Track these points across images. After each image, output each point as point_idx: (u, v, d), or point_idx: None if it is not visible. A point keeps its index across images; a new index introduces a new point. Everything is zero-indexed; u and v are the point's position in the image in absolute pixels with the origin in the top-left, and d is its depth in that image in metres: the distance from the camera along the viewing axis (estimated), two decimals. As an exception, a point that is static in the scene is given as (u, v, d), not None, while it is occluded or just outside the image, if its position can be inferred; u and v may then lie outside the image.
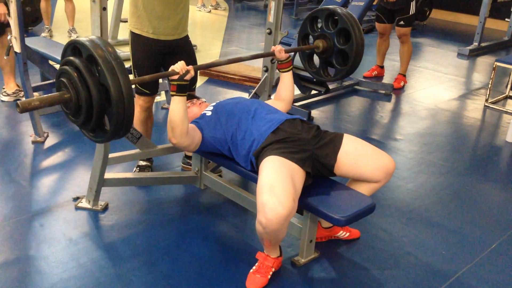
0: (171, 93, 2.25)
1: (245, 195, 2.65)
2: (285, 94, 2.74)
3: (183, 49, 2.94)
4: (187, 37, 2.98)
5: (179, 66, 2.21)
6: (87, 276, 2.22)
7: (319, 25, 2.88)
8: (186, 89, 2.27)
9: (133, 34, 2.83)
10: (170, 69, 2.23)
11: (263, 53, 2.92)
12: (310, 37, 2.98)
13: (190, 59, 2.93)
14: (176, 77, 2.21)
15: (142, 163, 3.10)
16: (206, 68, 2.46)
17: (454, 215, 2.94)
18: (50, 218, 2.63)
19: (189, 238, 2.54)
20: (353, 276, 2.36)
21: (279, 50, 2.66)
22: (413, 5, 4.93)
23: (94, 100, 1.85)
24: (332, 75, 3.00)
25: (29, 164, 3.22)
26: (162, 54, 2.87)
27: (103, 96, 1.85)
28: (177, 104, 2.25)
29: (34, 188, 2.93)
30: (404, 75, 5.29)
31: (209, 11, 8.92)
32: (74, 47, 1.92)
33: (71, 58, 1.89)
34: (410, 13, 4.94)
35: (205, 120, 2.50)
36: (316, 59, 3.04)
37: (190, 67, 2.24)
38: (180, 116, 2.25)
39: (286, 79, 2.73)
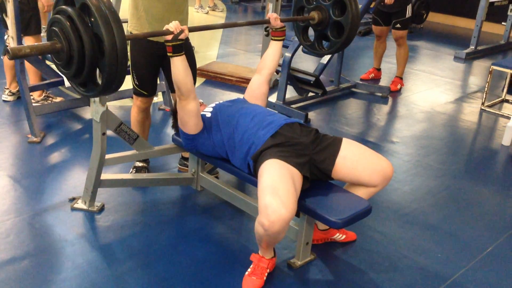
0: (168, 54, 2.26)
1: (241, 197, 2.65)
2: (269, 63, 2.70)
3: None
4: (187, 39, 2.97)
5: (173, 25, 2.21)
6: (83, 277, 2.21)
7: None
8: (182, 48, 2.27)
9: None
10: (164, 28, 2.22)
11: (259, 20, 2.91)
12: (306, 9, 2.97)
13: (189, 61, 2.92)
14: (170, 37, 2.21)
15: (138, 164, 3.09)
16: (201, 30, 2.46)
17: (450, 218, 2.95)
18: (46, 218, 2.62)
19: (186, 240, 2.53)
20: (349, 279, 2.36)
21: (274, 18, 2.66)
22: (409, 8, 4.97)
23: (86, 50, 1.79)
24: (326, 49, 2.99)
25: (25, 165, 3.21)
26: (161, 56, 2.86)
27: (95, 46, 1.80)
28: (177, 65, 2.28)
29: (30, 189, 2.92)
30: (401, 78, 5.31)
31: (207, 12, 8.92)
32: None
33: (64, 7, 1.83)
34: (407, 16, 4.96)
35: (204, 121, 2.51)
36: (311, 33, 3.03)
37: (185, 27, 2.23)
38: (182, 75, 2.30)
39: (276, 47, 2.71)
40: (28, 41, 3.81)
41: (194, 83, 3.03)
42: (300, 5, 2.93)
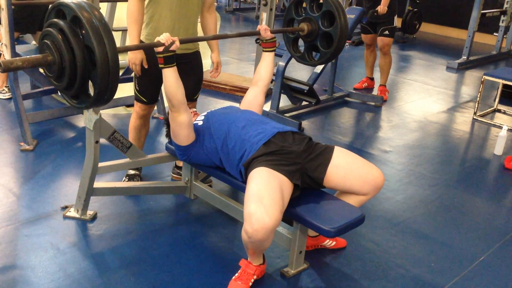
0: (160, 66, 2.27)
1: (235, 206, 2.65)
2: (264, 74, 2.72)
3: (190, 62, 2.91)
4: (197, 52, 2.95)
5: (164, 37, 2.22)
6: (75, 286, 2.20)
7: (304, 9, 2.90)
8: (174, 60, 2.28)
9: (142, 43, 2.78)
10: (155, 40, 2.23)
11: (250, 31, 2.94)
12: (296, 21, 2.99)
13: (194, 72, 2.94)
14: (161, 49, 2.22)
15: (131, 172, 3.08)
16: (192, 41, 2.48)
17: (443, 227, 2.96)
18: (38, 227, 2.61)
19: (179, 248, 2.53)
20: (342, 287, 2.36)
21: (264, 29, 2.67)
22: (396, 19, 5.07)
23: (78, 62, 1.79)
24: (316, 59, 3.01)
25: (17, 173, 3.19)
26: None
27: (87, 58, 1.80)
28: (169, 77, 2.28)
29: (22, 197, 2.90)
30: (385, 85, 5.34)
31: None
32: (58, 10, 1.86)
33: (55, 20, 1.84)
34: (394, 25, 5.04)
35: (196, 130, 2.51)
36: (301, 44, 3.05)
37: (176, 38, 2.24)
38: (173, 86, 2.30)
39: (268, 59, 2.73)
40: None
41: (198, 92, 3.03)
42: (290, 17, 2.96)
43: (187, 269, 2.38)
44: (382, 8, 4.86)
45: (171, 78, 2.29)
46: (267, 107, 4.45)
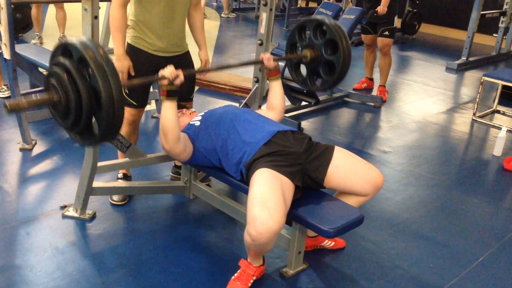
0: (162, 98, 2.25)
1: (234, 205, 2.65)
2: (276, 103, 2.75)
3: (182, 63, 2.85)
4: (187, 53, 2.92)
5: (168, 71, 2.21)
6: (73, 286, 2.20)
7: (308, 35, 2.90)
8: (177, 93, 2.26)
9: (130, 46, 2.75)
10: (159, 74, 2.22)
11: (253, 60, 2.93)
12: (298, 46, 3.00)
13: (190, 75, 2.91)
14: (165, 81, 2.21)
15: (120, 174, 3.04)
16: (195, 73, 2.46)
17: (442, 228, 2.96)
18: (37, 226, 2.61)
19: (177, 248, 2.52)
20: (341, 288, 2.36)
21: (267, 58, 2.67)
22: (396, 19, 5.06)
23: (83, 102, 1.80)
24: (318, 85, 3.01)
25: (16, 172, 3.19)
26: (158, 68, 2.84)
27: (93, 99, 1.81)
28: (168, 109, 2.25)
29: (20, 196, 2.90)
30: (385, 86, 5.34)
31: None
32: (64, 48, 1.87)
33: (61, 59, 1.85)
34: (394, 25, 5.04)
35: (193, 131, 2.50)
36: (303, 67, 3.06)
37: (180, 72, 2.23)
38: (172, 121, 2.26)
39: (276, 87, 2.74)
40: None
41: (193, 91, 3.02)
42: (293, 42, 2.96)
43: (186, 269, 2.38)
44: (382, 8, 4.86)
45: (171, 111, 2.26)
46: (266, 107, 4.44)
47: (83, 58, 1.78)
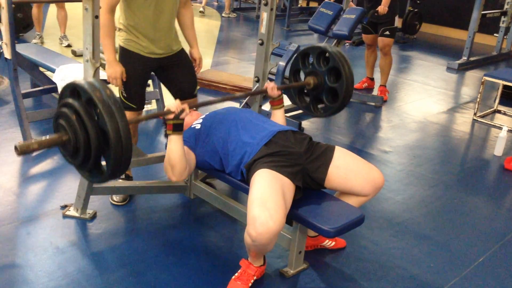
0: (168, 132, 2.24)
1: (234, 205, 2.65)
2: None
3: (180, 61, 2.89)
4: (182, 50, 2.91)
5: (174, 105, 2.20)
6: (74, 285, 2.20)
7: (311, 61, 2.93)
8: (182, 127, 2.25)
9: (123, 49, 2.74)
10: (165, 109, 2.22)
11: (257, 90, 2.96)
12: (301, 72, 3.02)
13: (187, 68, 2.91)
14: (171, 116, 2.20)
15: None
16: (201, 106, 2.45)
17: (443, 228, 2.96)
18: (37, 226, 2.61)
19: (178, 248, 2.52)
20: (341, 287, 2.36)
21: (271, 88, 2.67)
22: (397, 19, 5.05)
23: (92, 143, 1.87)
24: (322, 111, 3.04)
25: (17, 171, 3.19)
26: (152, 69, 2.85)
27: (101, 138, 1.87)
28: (175, 143, 2.24)
29: (21, 196, 2.90)
30: (385, 86, 5.34)
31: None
32: (73, 89, 1.94)
33: (70, 100, 1.91)
34: (395, 25, 5.04)
35: (194, 135, 2.49)
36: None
37: (185, 106, 2.22)
38: (178, 155, 2.25)
39: (279, 115, 2.73)
40: None
41: (196, 87, 3.01)
42: (296, 68, 2.98)
43: (187, 268, 2.38)
44: (382, 8, 4.85)
45: (177, 144, 2.25)
46: (267, 106, 4.43)
47: (91, 100, 1.83)
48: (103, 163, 1.92)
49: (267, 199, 2.02)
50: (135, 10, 2.63)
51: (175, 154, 2.25)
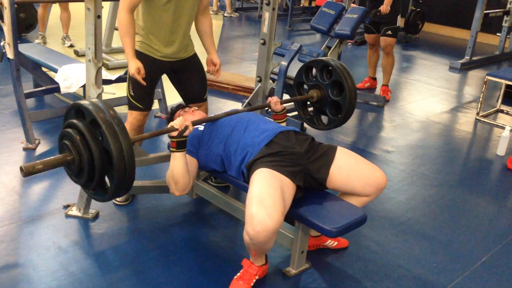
0: (171, 149, 2.25)
1: (237, 205, 2.65)
2: None
3: (191, 66, 2.91)
4: (194, 55, 2.93)
5: (178, 123, 2.21)
6: (76, 285, 2.20)
7: (314, 74, 2.93)
8: (185, 144, 2.26)
9: (136, 52, 2.71)
10: (169, 125, 2.23)
11: (260, 105, 2.97)
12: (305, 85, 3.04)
13: (198, 73, 2.94)
14: (175, 133, 2.21)
15: None
16: (204, 122, 2.46)
17: (445, 227, 2.95)
18: (40, 226, 2.61)
19: (180, 248, 2.53)
20: (344, 287, 2.36)
21: (275, 102, 2.68)
22: (399, 19, 5.05)
23: (96, 162, 1.90)
24: (325, 123, 3.05)
25: (20, 171, 3.19)
26: (163, 72, 2.86)
27: (105, 158, 1.91)
28: (178, 160, 2.25)
29: (24, 195, 2.91)
30: (388, 85, 5.33)
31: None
32: (77, 110, 1.96)
33: (75, 121, 1.94)
34: (397, 25, 5.03)
35: (197, 136, 2.49)
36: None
37: (189, 123, 2.23)
38: (182, 171, 2.26)
39: None
40: None
41: (206, 92, 3.01)
42: (300, 81, 2.99)
43: (189, 268, 2.38)
44: (385, 7, 4.85)
45: (180, 161, 2.26)
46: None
47: (95, 120, 1.86)
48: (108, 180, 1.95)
49: (265, 197, 2.02)
50: (154, 13, 2.65)
51: (179, 170, 2.26)
